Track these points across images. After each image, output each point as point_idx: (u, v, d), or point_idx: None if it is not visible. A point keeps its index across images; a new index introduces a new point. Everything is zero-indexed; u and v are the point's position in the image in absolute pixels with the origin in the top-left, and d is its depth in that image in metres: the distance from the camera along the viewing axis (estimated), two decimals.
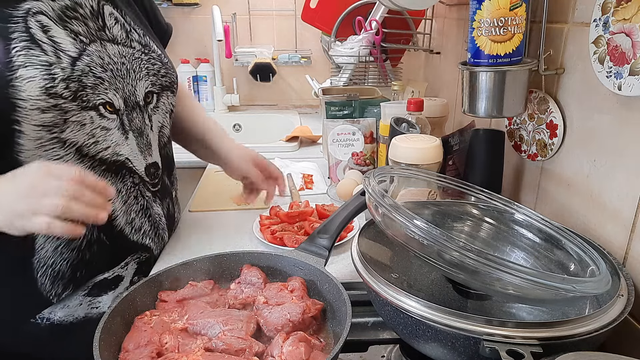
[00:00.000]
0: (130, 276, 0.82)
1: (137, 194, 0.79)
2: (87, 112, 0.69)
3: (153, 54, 0.80)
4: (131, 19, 0.79)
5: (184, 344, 0.53)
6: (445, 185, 0.74)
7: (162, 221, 0.87)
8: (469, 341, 0.47)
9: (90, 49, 0.70)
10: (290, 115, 1.95)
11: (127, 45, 0.76)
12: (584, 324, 0.47)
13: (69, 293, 0.75)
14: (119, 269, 0.80)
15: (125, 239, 0.79)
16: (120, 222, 0.77)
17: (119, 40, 0.75)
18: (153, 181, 0.82)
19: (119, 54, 0.74)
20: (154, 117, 0.81)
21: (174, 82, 0.85)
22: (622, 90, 0.61)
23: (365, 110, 1.23)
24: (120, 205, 0.77)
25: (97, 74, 0.70)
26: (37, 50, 0.65)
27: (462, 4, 1.26)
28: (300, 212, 0.96)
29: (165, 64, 0.83)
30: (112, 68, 0.73)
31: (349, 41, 1.51)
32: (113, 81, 0.73)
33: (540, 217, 0.67)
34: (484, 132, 0.91)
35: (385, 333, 0.62)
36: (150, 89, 0.79)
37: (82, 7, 0.71)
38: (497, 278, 0.47)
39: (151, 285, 0.62)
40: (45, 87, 0.64)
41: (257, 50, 1.99)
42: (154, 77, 0.80)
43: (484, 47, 0.74)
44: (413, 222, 0.51)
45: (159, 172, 0.83)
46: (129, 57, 0.76)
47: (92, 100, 0.69)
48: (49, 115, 0.65)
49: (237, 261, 0.68)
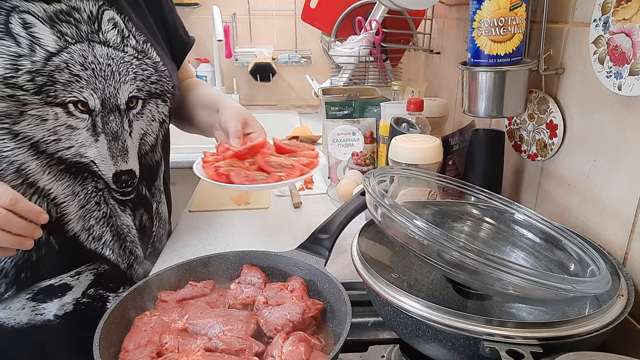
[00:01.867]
0: (84, 287, 0.78)
1: (99, 200, 0.76)
2: (51, 107, 0.67)
3: (147, 60, 0.78)
4: (136, 25, 0.78)
5: (184, 344, 0.53)
6: (445, 185, 0.74)
7: (132, 233, 0.82)
8: (469, 341, 0.47)
9: (74, 47, 0.69)
10: (290, 115, 1.95)
11: (118, 49, 0.75)
12: (584, 324, 0.47)
13: (12, 294, 0.72)
14: (68, 276, 0.76)
15: (79, 246, 0.75)
16: (74, 227, 0.74)
17: (111, 43, 0.74)
18: (123, 189, 0.78)
19: (106, 56, 0.73)
20: (135, 123, 0.78)
21: (167, 90, 0.82)
22: (622, 90, 0.61)
23: (365, 110, 1.23)
24: (76, 209, 0.73)
25: (74, 71, 0.69)
26: (8, 42, 0.63)
27: (462, 4, 1.26)
28: (251, 146, 0.82)
29: (162, 72, 0.81)
30: (95, 68, 0.71)
31: (349, 41, 1.51)
32: (92, 80, 0.71)
33: (540, 217, 0.67)
34: (484, 132, 0.91)
35: (385, 333, 0.62)
36: (134, 94, 0.77)
37: (78, 12, 0.70)
38: (497, 278, 0.47)
39: (151, 285, 0.62)
40: (4, 76, 0.62)
41: (257, 50, 1.99)
42: (142, 82, 0.78)
43: (484, 47, 0.74)
44: (413, 222, 0.51)
45: (133, 181, 0.79)
46: (117, 59, 0.74)
47: (61, 96, 0.68)
48: (2, 105, 0.63)
49: (237, 261, 0.68)
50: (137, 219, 0.83)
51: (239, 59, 2.01)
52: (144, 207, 0.84)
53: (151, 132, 0.82)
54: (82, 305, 0.78)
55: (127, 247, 0.82)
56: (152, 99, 0.80)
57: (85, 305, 0.78)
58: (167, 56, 0.86)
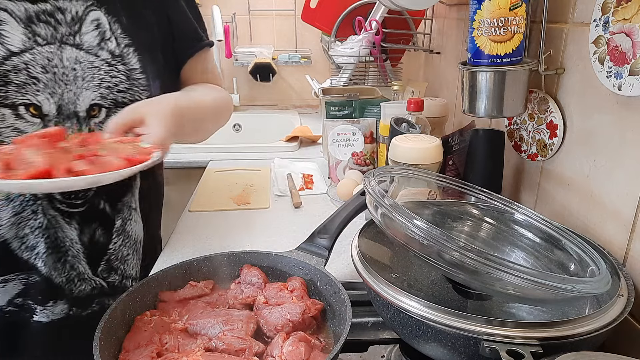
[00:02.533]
0: (10, 296, 0.74)
1: (36, 209, 0.71)
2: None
3: (121, 66, 0.73)
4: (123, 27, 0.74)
5: (184, 344, 0.53)
6: (445, 185, 0.74)
7: (76, 248, 0.76)
8: (469, 341, 0.47)
9: (41, 49, 0.66)
10: (290, 115, 1.95)
11: (91, 52, 0.71)
12: (584, 324, 0.47)
13: None
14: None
15: (8, 252, 0.72)
16: (5, 233, 0.71)
17: (84, 46, 0.70)
18: (70, 201, 0.73)
19: (74, 59, 0.69)
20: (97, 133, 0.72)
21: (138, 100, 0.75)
22: (622, 90, 0.61)
23: (365, 110, 1.23)
24: (9, 215, 0.70)
25: (32, 73, 0.66)
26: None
27: (462, 4, 1.26)
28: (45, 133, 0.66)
29: (135, 80, 0.75)
30: (57, 71, 0.68)
31: (349, 41, 1.51)
32: (51, 84, 0.68)
33: (540, 217, 0.67)
34: (484, 132, 0.91)
35: (385, 333, 0.62)
36: (97, 102, 0.72)
37: (63, 13, 0.68)
38: (497, 278, 0.47)
39: (151, 285, 0.62)
40: None
41: (257, 50, 1.99)
42: (107, 89, 0.72)
43: (484, 47, 0.74)
44: (413, 222, 0.51)
45: (86, 194, 0.74)
46: (86, 64, 0.70)
47: (12, 97, 0.65)
48: None
49: (237, 261, 0.68)
50: (87, 233, 0.77)
51: (239, 59, 2.01)
52: (99, 222, 0.78)
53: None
54: (6, 313, 0.75)
55: (67, 262, 0.76)
56: (119, 108, 0.73)
57: (11, 314, 0.75)
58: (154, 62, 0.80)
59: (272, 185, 1.20)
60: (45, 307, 0.77)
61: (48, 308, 0.77)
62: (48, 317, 0.77)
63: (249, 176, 1.27)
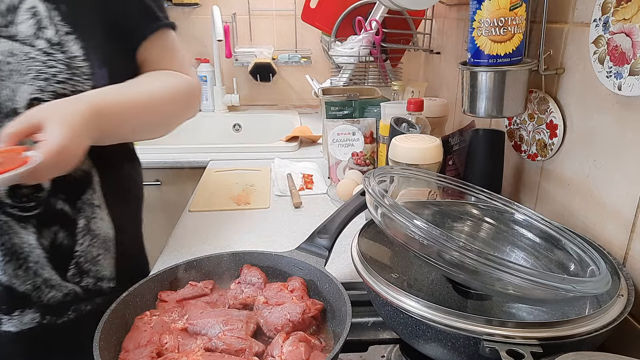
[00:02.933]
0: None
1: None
2: None
3: (60, 54, 0.67)
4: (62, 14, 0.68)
5: (184, 344, 0.53)
6: (445, 185, 0.74)
7: (37, 254, 0.71)
8: (469, 341, 0.47)
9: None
10: (290, 115, 1.95)
11: (26, 43, 0.65)
12: (584, 324, 0.47)
13: None
14: None
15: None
16: None
17: (19, 36, 0.64)
18: (22, 204, 0.68)
19: (8, 52, 0.64)
20: None
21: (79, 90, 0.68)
22: (622, 90, 0.61)
23: (365, 110, 1.23)
24: None
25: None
26: None
27: (462, 4, 1.26)
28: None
29: (76, 67, 0.68)
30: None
31: (349, 41, 1.51)
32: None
33: (540, 217, 0.67)
34: (484, 132, 0.91)
35: (385, 333, 0.62)
36: (36, 96, 0.65)
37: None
38: (497, 278, 0.47)
39: (151, 285, 0.62)
40: None
41: (257, 50, 1.99)
42: (45, 81, 0.66)
43: (484, 47, 0.74)
44: (413, 222, 0.51)
45: (39, 194, 0.69)
46: (21, 55, 0.64)
47: None
48: None
49: (237, 261, 0.68)
50: (47, 237, 0.72)
51: (239, 59, 2.01)
52: (59, 224, 0.73)
53: None
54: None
55: (29, 268, 0.71)
56: None
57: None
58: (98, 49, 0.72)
59: (272, 185, 1.20)
60: (11, 317, 0.72)
61: (15, 317, 0.72)
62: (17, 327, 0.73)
63: (249, 176, 1.27)
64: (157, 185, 1.49)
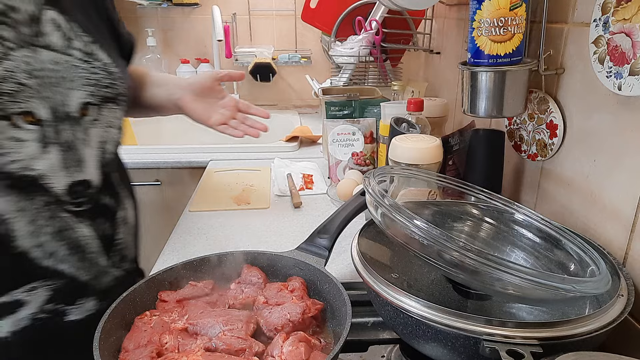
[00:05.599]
0: (40, 302, 0.73)
1: (50, 215, 0.71)
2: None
3: (97, 62, 0.73)
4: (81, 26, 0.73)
5: (184, 344, 0.53)
6: (445, 185, 0.74)
7: (93, 244, 0.77)
8: (469, 341, 0.47)
9: (16, 54, 0.64)
10: (290, 115, 1.95)
11: (64, 52, 0.69)
12: (584, 324, 0.47)
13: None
14: (20, 293, 0.71)
15: (31, 263, 0.71)
16: (23, 244, 0.70)
17: (55, 47, 0.68)
18: (76, 200, 0.72)
19: (52, 61, 0.67)
20: (92, 131, 0.73)
21: (120, 94, 0.77)
22: (622, 90, 0.61)
23: (365, 110, 1.23)
24: (24, 225, 0.69)
25: (19, 80, 0.63)
26: None
27: (462, 4, 1.26)
28: None
29: (112, 73, 0.75)
30: (42, 75, 0.66)
31: (349, 41, 1.51)
32: (40, 89, 0.66)
33: (540, 217, 0.67)
34: (484, 132, 0.91)
35: (385, 333, 0.62)
36: (87, 100, 0.71)
37: (16, 12, 0.65)
38: (497, 278, 0.47)
39: (151, 285, 0.62)
40: None
41: (257, 50, 1.99)
42: (93, 87, 0.72)
43: (484, 47, 0.74)
44: (413, 222, 0.51)
45: (89, 190, 0.74)
46: (65, 64, 0.69)
47: (7, 109, 0.63)
48: None
49: (237, 261, 0.68)
50: (99, 229, 0.78)
51: (239, 59, 2.01)
52: (104, 217, 0.79)
53: (111, 140, 0.78)
54: (39, 320, 0.74)
55: (87, 259, 0.77)
56: (106, 104, 0.74)
57: (43, 320, 0.74)
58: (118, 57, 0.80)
59: (272, 185, 1.20)
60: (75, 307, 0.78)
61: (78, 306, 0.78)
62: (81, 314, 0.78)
63: (249, 176, 1.27)
64: (157, 185, 1.49)
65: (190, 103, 0.95)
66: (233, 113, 0.95)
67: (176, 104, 0.98)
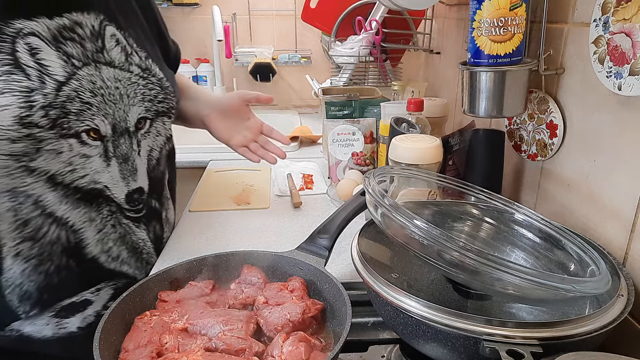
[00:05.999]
0: (104, 300, 0.80)
1: (114, 223, 0.77)
2: (65, 140, 0.66)
3: (153, 78, 0.77)
4: (135, 40, 0.76)
5: (184, 344, 0.53)
6: (445, 185, 0.74)
7: (147, 246, 0.85)
8: (469, 341, 0.47)
9: (82, 72, 0.67)
10: (290, 115, 1.95)
11: (124, 69, 0.73)
12: (584, 324, 0.47)
13: (37, 312, 0.74)
14: (88, 293, 0.78)
15: (99, 267, 0.77)
16: (93, 250, 0.75)
17: (116, 63, 0.72)
18: (135, 207, 0.79)
19: (114, 78, 0.71)
20: (143, 142, 0.78)
21: (172, 107, 0.82)
22: (622, 90, 0.61)
23: (365, 110, 1.23)
24: (94, 233, 0.74)
25: (84, 99, 0.67)
26: (19, 75, 0.60)
27: (462, 4, 1.26)
28: None
29: (166, 88, 0.80)
30: (104, 93, 0.69)
31: (349, 41, 1.51)
32: (102, 106, 0.69)
33: (540, 217, 0.67)
34: (484, 132, 0.91)
35: (385, 333, 0.62)
36: (143, 115, 0.76)
37: (81, 27, 0.68)
38: (497, 278, 0.47)
39: (151, 285, 0.62)
40: (20, 116, 0.60)
41: (257, 50, 1.99)
42: (150, 102, 0.77)
43: (484, 47, 0.74)
44: (413, 222, 0.51)
45: (143, 196, 0.80)
46: (125, 81, 0.73)
47: (75, 127, 0.66)
48: (19, 145, 0.61)
49: (237, 261, 0.68)
50: (151, 231, 0.85)
51: (239, 59, 2.01)
52: (155, 219, 0.86)
53: (157, 147, 0.82)
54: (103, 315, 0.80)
55: (143, 259, 0.84)
56: (159, 118, 0.80)
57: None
58: (168, 70, 0.84)
59: (272, 185, 1.20)
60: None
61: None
62: None
63: (249, 176, 1.27)
64: None
65: (215, 122, 0.97)
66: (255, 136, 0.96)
67: (202, 121, 1.01)
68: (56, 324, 0.76)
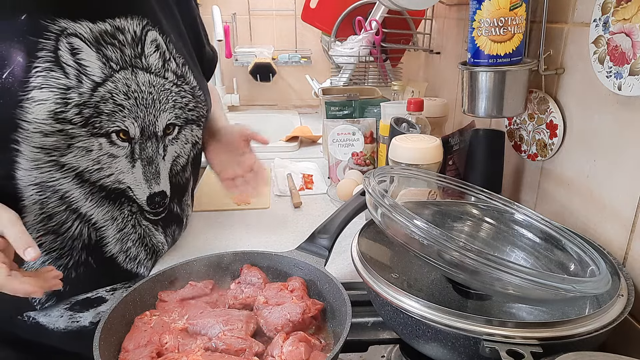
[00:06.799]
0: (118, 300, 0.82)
1: (134, 223, 0.78)
2: (96, 138, 0.67)
3: (186, 86, 0.79)
4: (175, 46, 0.78)
5: (184, 344, 0.53)
6: (445, 185, 0.74)
7: (165, 249, 0.86)
8: (469, 341, 0.47)
9: (118, 75, 0.69)
10: (290, 115, 1.95)
11: (160, 75, 0.74)
12: (584, 324, 0.47)
13: (52, 304, 0.76)
14: (104, 291, 0.79)
15: (117, 266, 0.78)
16: (112, 249, 0.76)
17: (152, 69, 0.73)
18: (155, 210, 0.80)
19: (148, 83, 0.73)
20: (169, 148, 0.79)
21: (202, 115, 0.84)
22: (622, 90, 0.61)
23: (365, 110, 1.23)
24: (114, 232, 0.76)
25: (117, 101, 0.68)
26: (58, 73, 0.62)
27: (462, 4, 1.26)
28: None
29: (198, 97, 0.81)
30: (137, 96, 0.71)
31: (349, 41, 1.51)
32: (134, 109, 0.71)
33: (540, 217, 0.67)
34: (484, 132, 0.91)
35: (385, 333, 0.62)
36: (172, 121, 0.78)
37: (123, 33, 0.69)
38: (497, 278, 0.47)
39: (151, 285, 0.62)
40: (55, 111, 0.62)
41: (257, 50, 1.99)
42: (180, 110, 0.78)
43: (484, 47, 0.74)
44: (413, 222, 0.51)
45: (165, 200, 0.81)
46: (159, 87, 0.74)
47: (106, 127, 0.68)
48: (51, 139, 0.63)
49: (237, 261, 0.68)
50: (170, 235, 0.86)
51: (239, 59, 2.01)
52: (175, 223, 0.87)
53: (183, 154, 0.83)
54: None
55: (159, 262, 0.85)
56: (188, 125, 0.81)
57: None
58: (202, 78, 0.86)
59: (272, 185, 1.20)
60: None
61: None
62: None
63: None
64: None
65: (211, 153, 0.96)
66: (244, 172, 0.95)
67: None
68: (69, 317, 0.78)
